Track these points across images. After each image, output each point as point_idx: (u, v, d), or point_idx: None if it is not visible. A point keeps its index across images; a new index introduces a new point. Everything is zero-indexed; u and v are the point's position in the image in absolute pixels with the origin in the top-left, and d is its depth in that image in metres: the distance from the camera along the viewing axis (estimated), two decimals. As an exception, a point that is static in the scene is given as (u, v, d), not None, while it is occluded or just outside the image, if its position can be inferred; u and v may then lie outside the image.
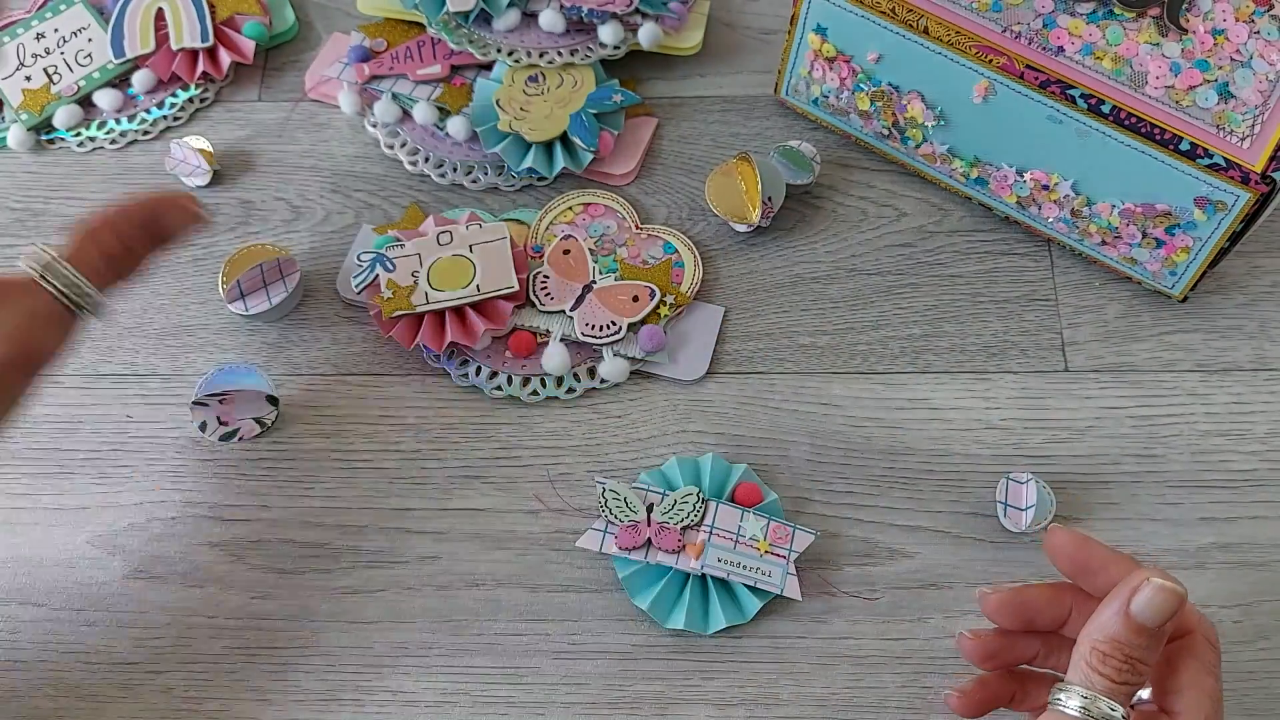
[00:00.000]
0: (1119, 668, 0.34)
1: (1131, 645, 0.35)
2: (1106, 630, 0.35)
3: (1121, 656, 0.34)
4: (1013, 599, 0.40)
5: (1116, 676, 0.34)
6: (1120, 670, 0.34)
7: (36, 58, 0.64)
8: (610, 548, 0.51)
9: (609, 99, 0.61)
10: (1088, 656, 0.35)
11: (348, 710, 0.49)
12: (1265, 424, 0.55)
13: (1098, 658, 0.35)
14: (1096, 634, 0.35)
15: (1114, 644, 0.35)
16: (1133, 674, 0.34)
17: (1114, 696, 0.34)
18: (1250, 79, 0.49)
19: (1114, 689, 0.34)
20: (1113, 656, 0.35)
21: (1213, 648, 0.37)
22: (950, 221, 0.60)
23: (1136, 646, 0.35)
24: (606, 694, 0.49)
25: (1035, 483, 0.51)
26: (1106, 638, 0.35)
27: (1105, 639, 0.35)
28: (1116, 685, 0.34)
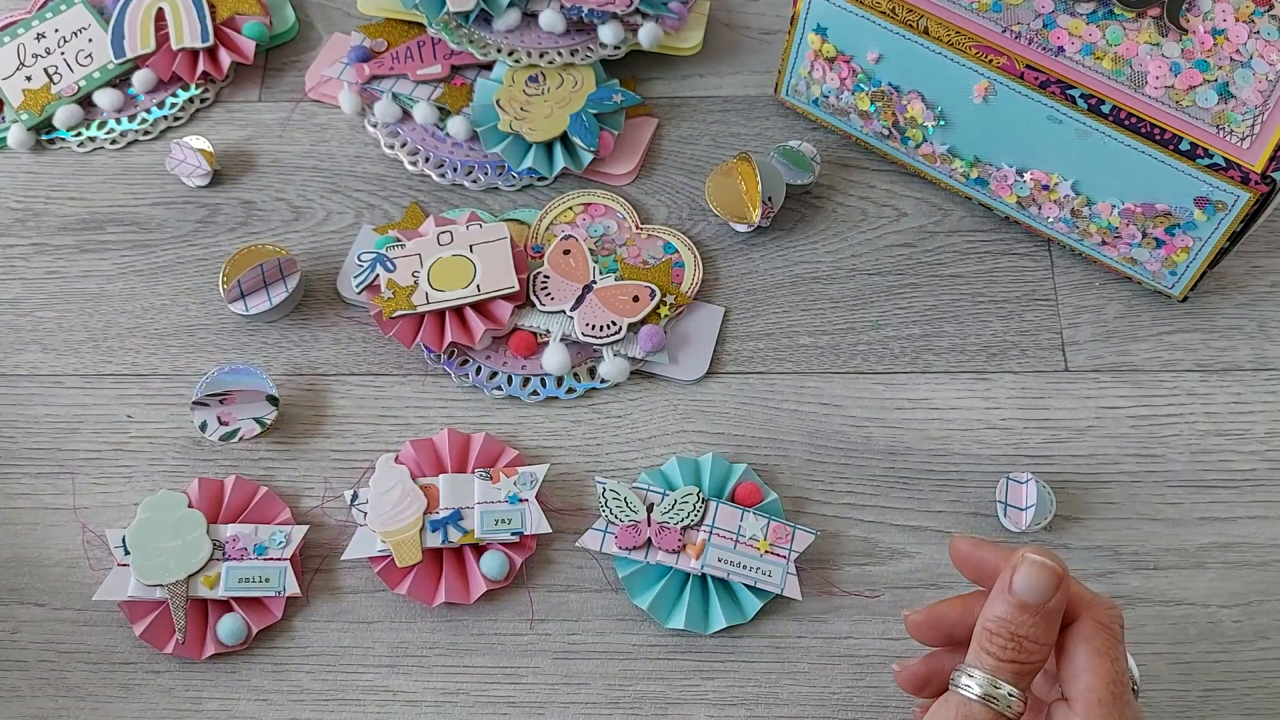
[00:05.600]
0: (1005, 645, 0.35)
1: (1017, 623, 0.35)
2: (993, 609, 0.36)
3: (1007, 634, 0.35)
4: (928, 616, 0.40)
5: (1003, 654, 0.35)
6: (1006, 648, 0.35)
7: (37, 58, 0.64)
8: (610, 547, 0.51)
9: (609, 99, 0.61)
10: (979, 636, 0.36)
11: (348, 710, 0.49)
12: (1265, 424, 0.55)
13: (985, 636, 0.35)
14: (986, 613, 0.36)
15: (1000, 622, 0.35)
16: (1020, 651, 0.35)
17: (1002, 675, 0.35)
18: (1250, 79, 0.49)
19: (1001, 666, 0.35)
20: (999, 635, 0.35)
21: (1105, 630, 0.37)
22: (950, 221, 0.60)
23: (1023, 624, 0.35)
24: (607, 694, 0.49)
25: (1035, 482, 0.51)
26: (993, 617, 0.35)
27: (992, 618, 0.35)
28: (1004, 663, 0.35)
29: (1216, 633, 0.50)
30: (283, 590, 0.50)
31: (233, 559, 0.50)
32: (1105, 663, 0.36)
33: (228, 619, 0.50)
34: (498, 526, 0.51)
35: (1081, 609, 0.37)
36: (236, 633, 0.50)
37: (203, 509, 0.51)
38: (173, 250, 0.60)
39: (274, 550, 0.51)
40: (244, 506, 0.52)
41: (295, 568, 0.51)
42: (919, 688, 0.41)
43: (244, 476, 0.53)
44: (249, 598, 0.50)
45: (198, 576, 0.50)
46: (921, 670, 0.41)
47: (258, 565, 0.50)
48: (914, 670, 0.41)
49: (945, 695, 0.36)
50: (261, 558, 0.51)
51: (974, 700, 0.35)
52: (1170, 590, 0.51)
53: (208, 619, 0.50)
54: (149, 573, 0.50)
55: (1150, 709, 0.49)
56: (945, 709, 0.35)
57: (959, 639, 0.40)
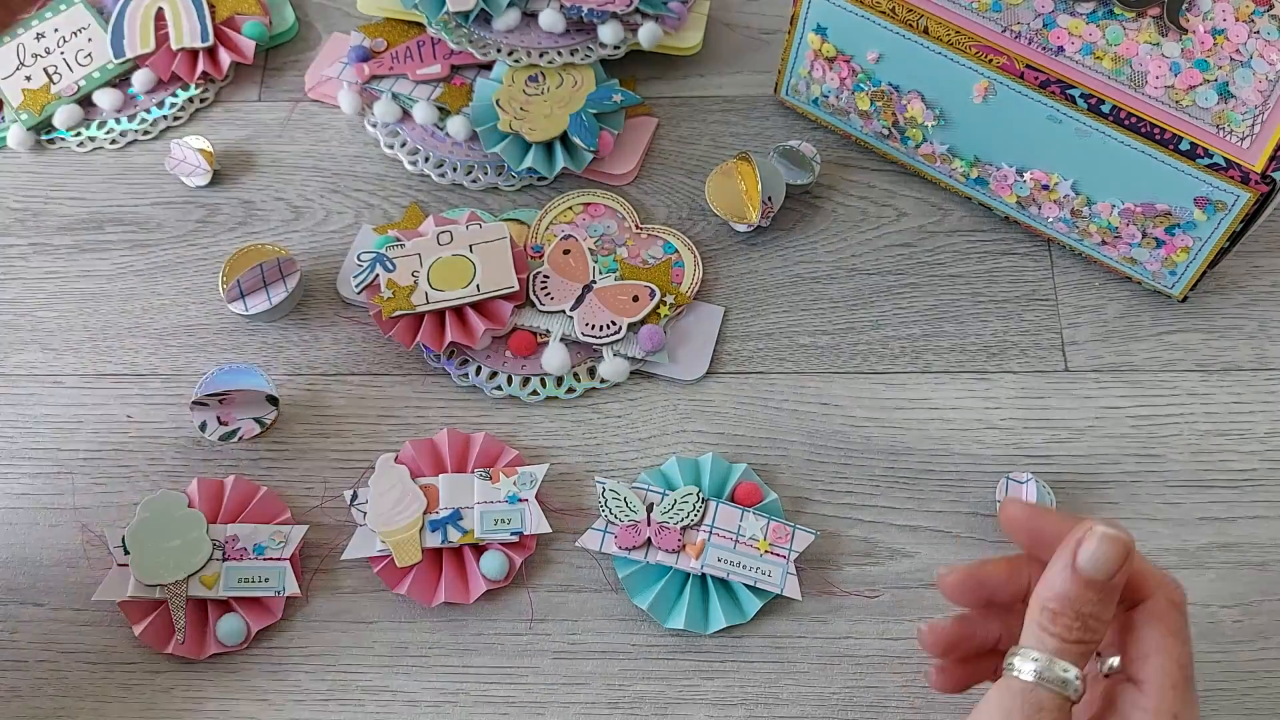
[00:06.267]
0: (1069, 625, 0.33)
1: (1082, 600, 0.33)
2: (1055, 587, 0.33)
3: (1072, 614, 0.33)
4: (971, 576, 0.38)
5: (1068, 635, 0.33)
6: (1071, 628, 0.33)
7: (36, 57, 0.64)
8: (610, 547, 0.51)
9: (609, 99, 0.61)
10: (1038, 617, 0.33)
11: (348, 710, 0.49)
12: (1265, 423, 0.55)
13: (1048, 616, 0.33)
14: (1045, 592, 0.33)
15: (1063, 601, 0.33)
16: (1085, 631, 0.33)
17: (1066, 657, 0.33)
18: (1250, 79, 0.49)
19: (1066, 648, 0.33)
20: (1063, 614, 0.33)
21: (1177, 609, 0.35)
22: (950, 221, 0.60)
23: (1087, 601, 0.33)
24: (606, 694, 0.49)
25: (1035, 482, 0.51)
26: (1055, 595, 0.33)
27: (1054, 596, 0.33)
28: (1069, 644, 0.33)
29: (1216, 632, 0.50)
30: (282, 590, 0.50)
31: (232, 559, 0.50)
32: (1178, 644, 0.34)
33: (227, 619, 0.50)
34: (497, 526, 0.51)
35: (1149, 585, 0.35)
36: (236, 633, 0.50)
37: (202, 509, 0.51)
38: (172, 250, 0.60)
39: (273, 550, 0.51)
40: (244, 506, 0.52)
41: (295, 568, 0.51)
42: (946, 650, 0.39)
43: (244, 476, 0.53)
44: (248, 597, 0.50)
45: (197, 576, 0.50)
46: (954, 632, 0.38)
47: (257, 565, 0.50)
48: (945, 631, 0.38)
49: (1002, 682, 0.33)
50: (261, 558, 0.51)
51: (1039, 685, 0.33)
52: (1170, 590, 0.51)
53: (207, 619, 0.50)
54: (149, 573, 0.50)
55: (1150, 709, 0.49)
56: (1006, 696, 0.33)
57: (999, 603, 0.38)
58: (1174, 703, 0.33)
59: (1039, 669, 0.33)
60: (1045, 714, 0.32)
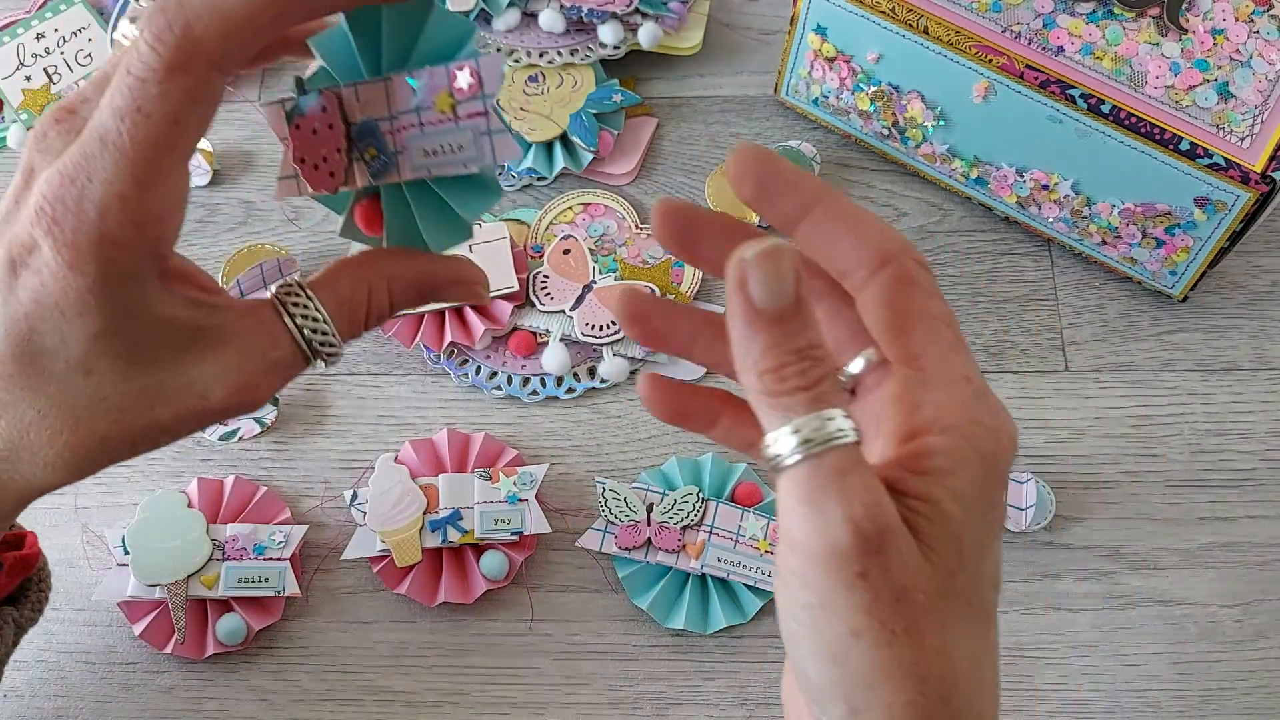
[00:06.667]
0: (798, 371, 0.26)
1: (787, 339, 0.26)
2: (750, 346, 0.26)
3: (788, 359, 0.26)
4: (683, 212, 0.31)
5: (805, 381, 0.26)
6: (803, 372, 0.26)
7: (36, 57, 0.64)
8: (610, 547, 0.51)
9: (609, 99, 0.61)
10: (758, 390, 0.26)
11: (347, 710, 0.49)
12: (1265, 423, 0.55)
13: (767, 381, 0.26)
14: (745, 359, 0.26)
15: (771, 353, 0.26)
16: (814, 366, 0.26)
17: (817, 406, 0.26)
18: (1250, 79, 0.49)
19: (811, 397, 0.26)
20: (782, 368, 0.26)
21: (922, 264, 0.29)
22: (950, 221, 0.60)
23: (793, 335, 0.26)
24: (607, 694, 0.49)
25: (1035, 482, 0.51)
26: (755, 356, 0.26)
27: (755, 358, 0.26)
28: (810, 391, 0.26)
29: (1217, 632, 0.50)
30: (282, 590, 0.50)
31: (232, 559, 0.50)
32: (939, 302, 0.29)
33: (227, 619, 0.50)
34: (497, 526, 0.51)
35: (869, 245, 0.29)
36: (236, 633, 0.49)
37: (202, 509, 0.51)
38: (172, 250, 0.60)
39: (273, 550, 0.51)
40: (243, 506, 0.52)
41: (295, 568, 0.51)
42: (676, 418, 0.33)
43: (244, 476, 0.53)
44: (248, 598, 0.50)
45: (197, 576, 0.50)
46: (675, 403, 0.33)
47: (257, 565, 0.50)
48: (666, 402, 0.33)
49: (780, 483, 0.27)
50: (261, 558, 0.51)
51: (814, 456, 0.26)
52: (1171, 590, 0.51)
53: (207, 619, 0.50)
54: (148, 573, 0.49)
55: (1150, 709, 0.49)
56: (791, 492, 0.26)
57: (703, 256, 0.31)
58: (960, 365, 0.29)
59: (800, 442, 0.26)
60: (852, 474, 0.26)
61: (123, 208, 0.29)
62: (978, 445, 0.28)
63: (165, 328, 0.31)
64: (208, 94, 0.29)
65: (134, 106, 0.28)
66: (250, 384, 0.32)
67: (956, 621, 0.27)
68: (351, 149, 0.32)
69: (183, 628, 0.49)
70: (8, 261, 0.30)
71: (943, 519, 0.27)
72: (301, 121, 0.32)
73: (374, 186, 0.33)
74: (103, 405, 0.31)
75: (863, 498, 0.26)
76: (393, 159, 0.31)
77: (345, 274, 0.34)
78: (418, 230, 0.33)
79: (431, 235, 0.33)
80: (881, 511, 0.26)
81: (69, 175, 0.29)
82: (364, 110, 0.31)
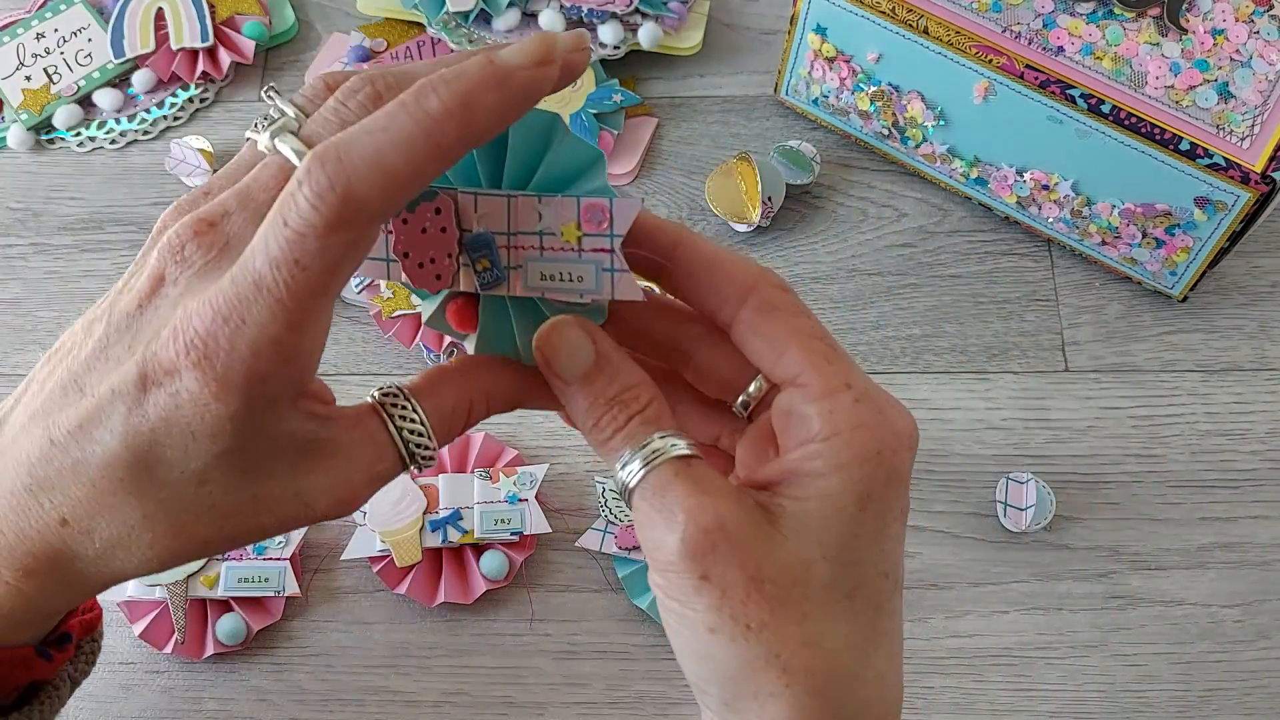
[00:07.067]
0: (611, 418, 0.30)
1: (598, 394, 0.30)
2: (574, 411, 0.31)
3: (605, 409, 0.30)
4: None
5: (618, 423, 0.30)
6: (614, 417, 0.30)
7: (36, 57, 0.64)
8: (610, 547, 0.51)
9: (609, 99, 0.61)
10: (592, 442, 0.31)
11: (348, 711, 0.49)
12: (1266, 424, 0.55)
13: (595, 433, 0.30)
14: (576, 421, 0.31)
15: (590, 411, 0.30)
16: (623, 409, 0.30)
17: (634, 440, 0.30)
18: (1250, 79, 0.49)
19: (625, 435, 0.30)
20: (600, 420, 0.30)
21: (784, 290, 0.31)
22: (950, 222, 0.60)
23: (601, 389, 0.30)
24: (607, 694, 0.49)
25: (1035, 482, 0.51)
26: (582, 415, 0.31)
27: (581, 417, 0.31)
28: (624, 430, 0.30)
29: (1218, 633, 0.50)
30: (282, 590, 0.50)
31: (232, 559, 0.50)
32: (807, 320, 0.31)
33: (227, 619, 0.50)
34: (497, 526, 0.51)
35: (734, 283, 0.31)
36: (236, 633, 0.49)
37: (202, 509, 0.51)
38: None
39: (273, 550, 0.51)
40: (243, 506, 0.52)
41: (295, 567, 0.51)
42: None
43: (243, 476, 0.53)
44: (248, 598, 0.50)
45: (197, 576, 0.50)
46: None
47: (257, 565, 0.50)
48: None
49: (632, 508, 0.30)
50: (261, 557, 0.50)
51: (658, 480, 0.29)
52: (1171, 590, 0.51)
53: (207, 619, 0.50)
54: (148, 573, 0.49)
55: (1150, 709, 0.49)
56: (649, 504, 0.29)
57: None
58: (838, 374, 0.30)
59: (633, 471, 0.30)
60: (673, 485, 0.29)
61: (275, 350, 0.28)
62: (856, 448, 0.29)
63: (284, 442, 0.30)
64: (365, 245, 0.29)
65: (291, 259, 0.27)
66: (354, 495, 0.31)
67: (828, 613, 0.29)
68: (462, 254, 0.31)
69: (183, 628, 0.49)
70: (139, 377, 0.29)
71: (804, 514, 0.29)
72: (410, 217, 0.31)
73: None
74: (211, 513, 0.30)
75: (684, 504, 0.28)
76: (505, 274, 0.31)
77: (449, 385, 0.33)
78: (512, 338, 0.33)
79: (526, 347, 0.32)
80: (706, 511, 0.28)
81: (222, 314, 0.28)
82: (482, 221, 0.31)
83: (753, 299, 0.31)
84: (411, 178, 0.27)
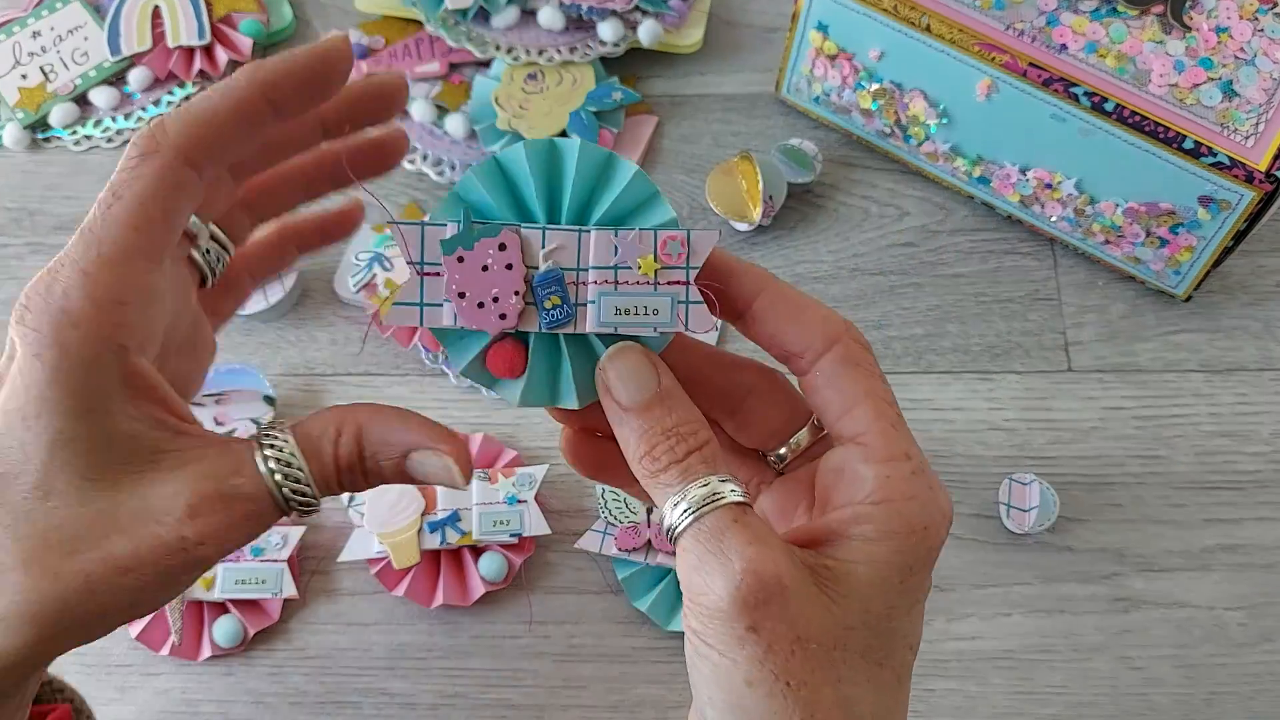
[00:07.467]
0: (667, 449, 0.29)
1: (655, 424, 0.30)
2: (626, 438, 0.30)
3: (661, 440, 0.30)
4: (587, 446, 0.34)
5: (674, 456, 0.29)
6: (671, 449, 0.29)
7: (32, 55, 0.64)
8: (610, 549, 0.51)
9: (609, 97, 0.61)
10: (641, 474, 0.30)
11: (345, 713, 0.49)
12: (1270, 424, 0.54)
13: (647, 463, 0.30)
14: (627, 451, 0.30)
15: (643, 440, 0.30)
16: (681, 441, 0.30)
17: (694, 478, 0.29)
18: (1254, 77, 0.49)
19: (682, 469, 0.29)
20: (654, 450, 0.30)
21: (864, 346, 0.32)
22: (953, 221, 0.60)
23: (659, 419, 0.30)
24: (606, 697, 0.49)
25: (1039, 483, 0.51)
26: (634, 443, 0.30)
27: (634, 445, 0.30)
28: (681, 464, 0.29)
29: (1222, 635, 0.50)
30: (279, 592, 0.50)
31: (229, 560, 0.50)
32: (881, 383, 0.31)
33: (224, 621, 0.49)
34: (496, 528, 0.50)
35: (813, 329, 0.32)
36: (233, 635, 0.49)
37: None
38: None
39: (271, 551, 0.50)
40: (240, 508, 0.52)
41: (292, 569, 0.50)
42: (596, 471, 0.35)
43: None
44: (245, 599, 0.50)
45: (194, 578, 0.50)
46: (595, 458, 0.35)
47: (254, 566, 0.50)
48: (586, 457, 0.35)
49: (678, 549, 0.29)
50: (258, 559, 0.50)
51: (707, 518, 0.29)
52: (1175, 592, 0.51)
53: (204, 621, 0.50)
54: (144, 574, 0.49)
55: (1154, 711, 0.49)
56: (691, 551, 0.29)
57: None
58: (901, 442, 0.30)
59: (683, 510, 0.29)
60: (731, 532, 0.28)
61: (82, 283, 0.29)
62: (907, 519, 0.30)
63: (125, 445, 0.29)
64: (174, 180, 0.31)
65: (109, 192, 0.30)
66: (209, 507, 0.30)
67: (859, 679, 0.29)
68: (529, 294, 0.31)
69: (179, 630, 0.49)
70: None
71: (850, 577, 0.29)
72: (467, 255, 0.30)
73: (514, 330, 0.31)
74: (57, 534, 0.29)
75: (743, 552, 0.28)
76: (574, 311, 0.31)
77: (320, 415, 0.32)
78: (555, 382, 0.32)
79: (579, 388, 0.31)
80: (766, 563, 0.28)
81: (48, 268, 0.29)
82: (551, 257, 0.30)
83: (836, 349, 0.31)
84: (212, 115, 0.31)
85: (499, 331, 0.31)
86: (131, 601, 0.30)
